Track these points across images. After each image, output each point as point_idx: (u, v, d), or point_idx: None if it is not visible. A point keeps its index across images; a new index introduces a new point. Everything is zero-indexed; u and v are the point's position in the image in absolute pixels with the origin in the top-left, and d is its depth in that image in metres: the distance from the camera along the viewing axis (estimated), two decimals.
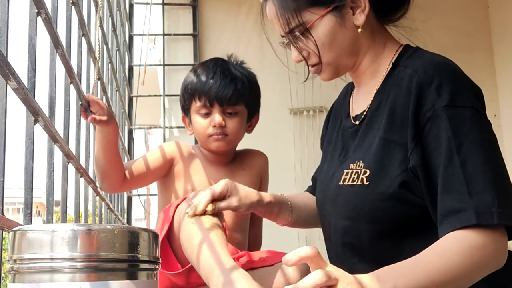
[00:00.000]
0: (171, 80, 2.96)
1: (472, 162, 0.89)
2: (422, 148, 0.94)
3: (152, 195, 3.15)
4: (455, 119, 0.91)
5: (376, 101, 1.06)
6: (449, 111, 0.92)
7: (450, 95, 0.93)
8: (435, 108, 0.93)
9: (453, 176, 0.89)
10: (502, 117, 2.99)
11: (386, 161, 0.98)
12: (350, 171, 1.05)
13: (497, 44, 3.07)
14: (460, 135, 0.90)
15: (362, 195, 1.01)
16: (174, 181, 1.48)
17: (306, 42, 1.05)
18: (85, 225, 0.64)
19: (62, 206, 1.17)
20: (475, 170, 0.88)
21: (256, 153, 1.58)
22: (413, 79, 0.97)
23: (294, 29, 1.05)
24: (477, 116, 0.93)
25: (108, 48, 1.87)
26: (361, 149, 1.05)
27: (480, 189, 0.87)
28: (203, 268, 1.07)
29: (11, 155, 8.04)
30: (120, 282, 0.64)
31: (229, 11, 3.06)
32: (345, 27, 1.04)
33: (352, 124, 1.12)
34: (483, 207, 0.86)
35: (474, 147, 0.90)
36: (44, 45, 1.07)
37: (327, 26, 1.03)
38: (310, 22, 1.03)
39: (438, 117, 0.92)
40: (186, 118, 1.53)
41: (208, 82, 1.41)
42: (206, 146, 1.48)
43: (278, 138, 2.84)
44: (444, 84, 0.94)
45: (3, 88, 0.79)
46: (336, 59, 1.07)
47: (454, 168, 0.89)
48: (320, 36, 1.04)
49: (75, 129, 1.33)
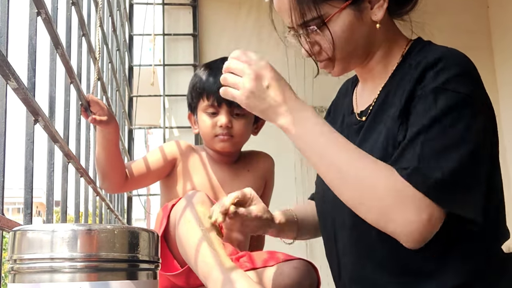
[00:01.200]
0: (171, 80, 2.96)
1: (431, 146, 0.87)
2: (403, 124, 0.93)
3: (152, 195, 3.15)
4: (439, 100, 0.89)
5: (383, 95, 1.03)
6: (437, 92, 0.89)
7: (446, 79, 0.90)
8: (424, 89, 0.91)
9: (410, 151, 0.88)
10: (502, 117, 2.99)
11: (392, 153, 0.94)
12: None
13: (497, 43, 3.07)
14: (434, 116, 0.88)
15: None
16: (176, 180, 1.47)
17: (320, 36, 1.00)
18: (85, 225, 0.64)
19: (62, 206, 1.17)
20: (431, 152, 0.87)
21: (262, 155, 1.57)
22: (420, 65, 0.94)
23: (310, 21, 0.99)
24: (467, 104, 0.89)
25: (108, 48, 1.87)
26: (368, 143, 1.01)
27: (430, 162, 0.86)
28: (201, 268, 1.07)
29: (11, 155, 8.01)
30: (120, 282, 0.64)
31: (229, 11, 3.06)
32: (363, 22, 1.00)
33: (357, 120, 1.08)
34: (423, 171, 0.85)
35: (441, 133, 0.87)
36: (44, 45, 1.07)
37: (345, 20, 0.98)
38: (328, 16, 0.98)
39: (425, 97, 0.90)
40: (192, 116, 1.52)
41: (218, 82, 1.41)
42: (211, 146, 1.47)
43: (278, 138, 2.83)
44: (446, 69, 0.91)
45: (3, 88, 0.79)
46: (350, 55, 1.02)
47: (415, 145, 0.88)
48: (337, 30, 0.98)
49: (75, 129, 1.33)
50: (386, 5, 1.00)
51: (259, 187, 1.53)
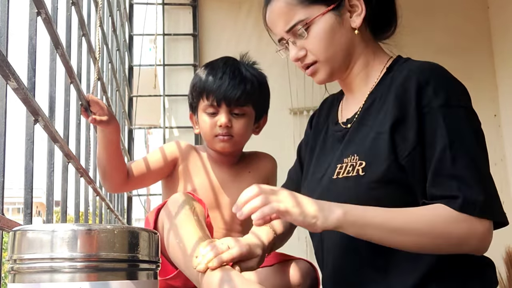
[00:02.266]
0: (171, 80, 2.96)
1: (462, 160, 0.97)
2: (420, 143, 1.01)
3: (152, 195, 3.15)
4: (449, 117, 1.00)
5: (369, 101, 1.12)
6: (444, 110, 1.00)
7: (445, 95, 1.01)
8: (431, 106, 1.00)
9: (444, 170, 0.97)
10: (502, 117, 3.00)
11: (380, 151, 1.02)
12: (344, 165, 1.07)
13: (497, 44, 3.07)
14: (452, 134, 0.99)
15: (357, 186, 1.03)
16: (178, 180, 1.47)
17: (305, 40, 1.11)
18: (85, 225, 0.64)
19: (62, 206, 1.17)
20: (464, 167, 0.96)
21: (264, 156, 1.56)
22: (411, 79, 1.04)
23: (297, 24, 1.10)
24: (469, 114, 1.03)
25: (108, 48, 1.87)
26: (355, 143, 1.09)
27: (468, 184, 0.95)
28: (194, 271, 1.06)
29: (11, 155, 7.99)
30: (120, 282, 0.64)
31: (229, 11, 3.06)
32: (343, 27, 1.11)
33: (342, 128, 1.16)
34: (469, 198, 0.94)
35: (464, 146, 0.98)
36: (44, 45, 1.07)
37: (327, 23, 1.10)
38: (311, 18, 1.10)
39: (435, 115, 1.00)
40: (193, 117, 1.51)
41: (217, 82, 1.40)
42: (212, 146, 1.47)
43: (278, 138, 2.84)
44: (440, 85, 1.02)
45: (3, 88, 0.80)
46: (332, 57, 1.12)
47: (446, 163, 0.97)
48: (320, 32, 1.10)
49: (75, 129, 1.33)
50: (364, 14, 1.11)
51: None
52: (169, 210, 1.19)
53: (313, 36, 1.11)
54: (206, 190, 1.46)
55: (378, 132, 1.04)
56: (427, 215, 0.97)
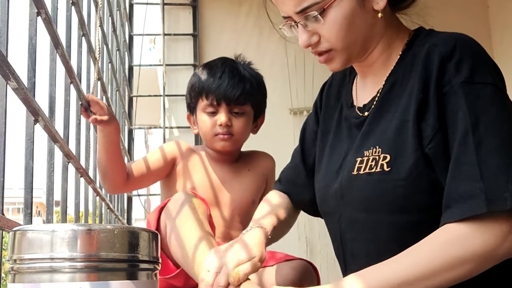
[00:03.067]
0: (171, 80, 2.96)
1: (487, 144, 0.83)
2: (441, 126, 0.88)
3: (152, 195, 3.15)
4: (472, 96, 0.86)
5: (389, 84, 0.99)
6: (466, 88, 0.86)
7: (469, 71, 0.87)
8: (451, 84, 0.87)
9: (466, 157, 0.84)
10: None
11: (407, 144, 0.90)
12: (366, 159, 0.95)
13: (497, 44, 3.07)
14: (476, 114, 0.85)
15: (382, 183, 0.92)
16: (176, 180, 1.48)
17: (320, 24, 0.95)
18: (85, 225, 0.64)
19: (62, 206, 1.17)
20: (490, 152, 0.82)
21: (263, 155, 1.58)
22: (433, 53, 0.91)
23: (310, 7, 0.93)
24: (498, 93, 0.87)
25: (108, 48, 1.87)
26: (375, 134, 0.96)
27: (492, 172, 0.81)
28: (198, 270, 1.06)
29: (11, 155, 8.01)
30: (120, 282, 0.64)
31: (229, 11, 3.06)
32: (365, 10, 0.95)
33: (359, 115, 1.03)
34: (494, 192, 0.80)
35: (491, 127, 0.84)
36: (44, 45, 1.07)
37: (347, 7, 0.93)
38: (330, 1, 0.93)
39: (455, 94, 0.87)
40: (191, 117, 1.52)
41: (216, 81, 1.41)
42: (211, 145, 1.47)
43: (278, 138, 2.83)
44: (464, 59, 0.88)
45: (3, 88, 0.79)
46: (351, 45, 0.97)
47: (468, 149, 0.84)
48: (339, 17, 0.93)
49: (75, 129, 1.33)
50: None
51: (260, 186, 1.53)
52: (171, 209, 1.19)
53: (330, 23, 0.94)
54: (206, 188, 1.46)
55: (403, 120, 0.92)
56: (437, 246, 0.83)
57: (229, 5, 3.06)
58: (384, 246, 0.94)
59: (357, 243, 0.99)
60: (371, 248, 0.97)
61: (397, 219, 0.93)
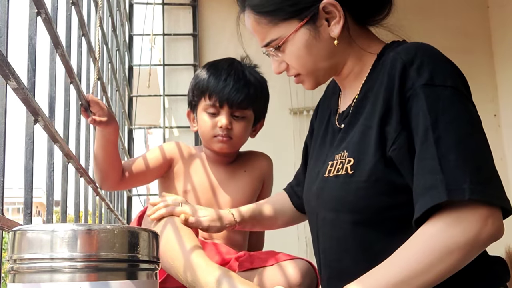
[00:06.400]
0: (171, 80, 2.96)
1: (446, 140, 0.87)
2: (404, 128, 0.92)
3: (152, 195, 3.15)
4: (432, 97, 0.90)
5: (362, 93, 1.05)
6: (427, 90, 0.91)
7: (429, 74, 0.92)
8: (414, 88, 0.92)
9: (427, 153, 0.88)
10: (502, 117, 2.99)
11: (368, 147, 0.96)
12: (335, 162, 1.02)
13: (497, 44, 3.07)
14: (436, 113, 0.89)
15: (345, 185, 0.98)
16: (174, 181, 1.48)
17: (282, 55, 1.06)
18: (85, 225, 0.64)
19: (62, 206, 1.17)
20: (449, 147, 0.87)
21: (260, 155, 1.57)
22: (396, 62, 0.95)
23: (270, 42, 1.06)
24: (458, 95, 0.92)
25: (108, 48, 1.87)
26: (346, 139, 1.03)
27: (452, 166, 0.86)
28: (191, 275, 1.07)
29: (11, 155, 8.03)
30: (120, 282, 0.64)
31: (229, 11, 3.05)
32: (320, 40, 1.03)
33: (340, 120, 1.11)
34: (454, 183, 0.84)
35: (449, 126, 0.88)
36: (44, 45, 1.07)
37: (301, 39, 1.03)
38: (284, 37, 1.04)
39: (417, 96, 0.91)
40: (191, 114, 1.51)
41: (221, 83, 1.41)
42: (209, 146, 1.47)
43: (278, 138, 2.83)
44: (425, 64, 0.93)
45: (3, 88, 0.79)
46: (315, 70, 1.07)
47: (428, 145, 0.88)
48: (294, 50, 1.04)
49: (75, 129, 1.33)
50: (342, 22, 1.02)
51: (256, 187, 1.52)
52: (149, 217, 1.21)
53: (289, 54, 1.05)
54: (203, 189, 1.46)
55: (367, 125, 0.98)
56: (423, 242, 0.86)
57: (229, 5, 3.05)
58: (346, 243, 1.00)
59: (327, 241, 1.06)
60: (335, 245, 1.03)
61: (359, 219, 0.98)
